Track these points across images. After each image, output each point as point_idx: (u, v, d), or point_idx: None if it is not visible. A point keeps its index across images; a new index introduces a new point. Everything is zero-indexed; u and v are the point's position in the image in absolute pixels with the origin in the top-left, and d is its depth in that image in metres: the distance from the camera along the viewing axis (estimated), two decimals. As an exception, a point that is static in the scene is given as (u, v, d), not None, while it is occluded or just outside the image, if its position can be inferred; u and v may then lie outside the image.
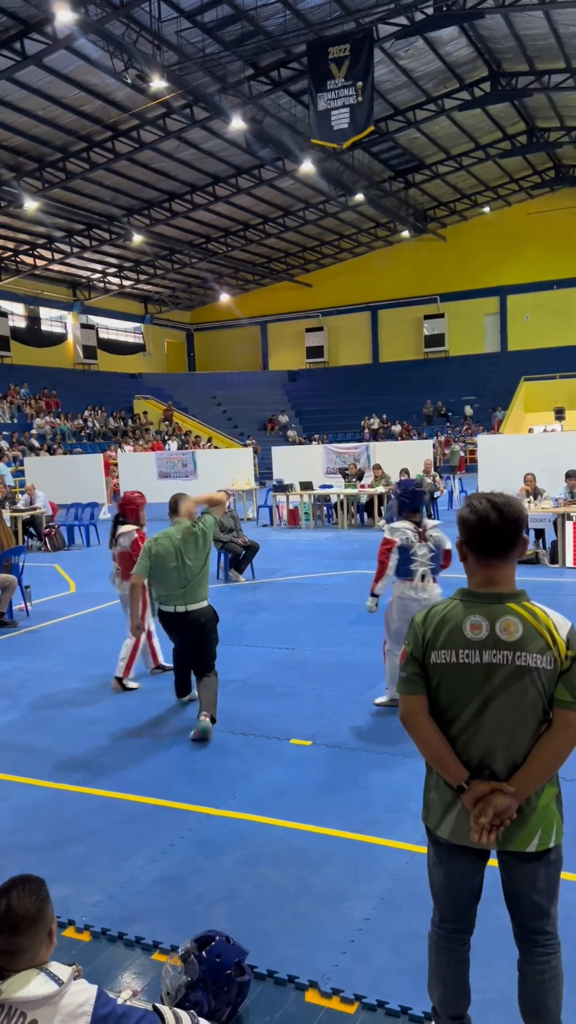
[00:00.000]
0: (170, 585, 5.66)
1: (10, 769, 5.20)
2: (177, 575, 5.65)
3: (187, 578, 5.65)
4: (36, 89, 21.37)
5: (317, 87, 19.48)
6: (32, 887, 2.22)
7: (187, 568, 5.65)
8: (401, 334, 41.39)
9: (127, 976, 3.15)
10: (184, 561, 5.65)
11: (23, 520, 16.22)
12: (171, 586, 5.66)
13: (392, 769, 4.90)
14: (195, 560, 5.70)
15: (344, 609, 9.31)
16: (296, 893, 3.62)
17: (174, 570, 5.64)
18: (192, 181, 29.55)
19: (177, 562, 5.64)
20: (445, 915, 2.52)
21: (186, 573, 5.65)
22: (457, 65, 25.07)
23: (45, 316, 37.52)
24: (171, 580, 5.65)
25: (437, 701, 2.37)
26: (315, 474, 19.57)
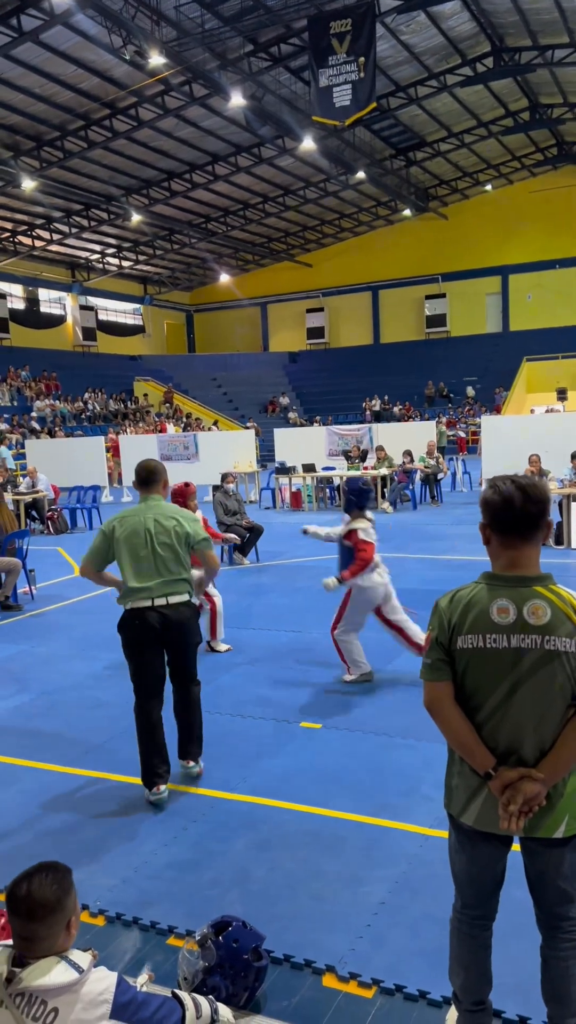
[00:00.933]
0: (142, 574, 4.46)
1: (19, 753, 5.18)
2: (148, 562, 4.47)
3: (159, 566, 4.46)
4: (33, 66, 21.08)
5: (318, 63, 19.20)
6: (56, 876, 2.20)
7: (158, 556, 4.46)
8: (402, 314, 41.15)
9: (144, 960, 3.14)
10: (155, 548, 4.46)
11: (25, 503, 16.17)
12: (143, 575, 4.46)
13: (403, 752, 4.88)
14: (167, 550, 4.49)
15: (349, 591, 9.26)
16: (310, 877, 3.61)
17: (144, 558, 4.47)
18: (191, 160, 29.25)
19: (147, 548, 4.46)
20: (468, 901, 2.50)
21: (157, 561, 4.46)
22: (459, 40, 24.72)
23: (44, 298, 37.27)
24: (143, 567, 4.47)
25: (463, 687, 2.33)
26: (318, 456, 19.50)
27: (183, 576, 4.51)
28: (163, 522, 4.50)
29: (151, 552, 4.45)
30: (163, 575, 4.45)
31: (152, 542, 4.46)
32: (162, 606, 4.43)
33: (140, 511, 4.55)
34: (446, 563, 10.71)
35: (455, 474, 20.48)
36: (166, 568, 4.46)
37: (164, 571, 4.45)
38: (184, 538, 4.52)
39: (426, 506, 17.36)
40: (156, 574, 4.44)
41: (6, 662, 7.30)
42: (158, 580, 4.44)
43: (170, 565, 4.46)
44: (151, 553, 4.45)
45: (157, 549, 4.45)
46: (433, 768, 4.52)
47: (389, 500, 16.84)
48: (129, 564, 4.46)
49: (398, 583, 9.51)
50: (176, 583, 4.48)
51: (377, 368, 38.98)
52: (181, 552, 4.50)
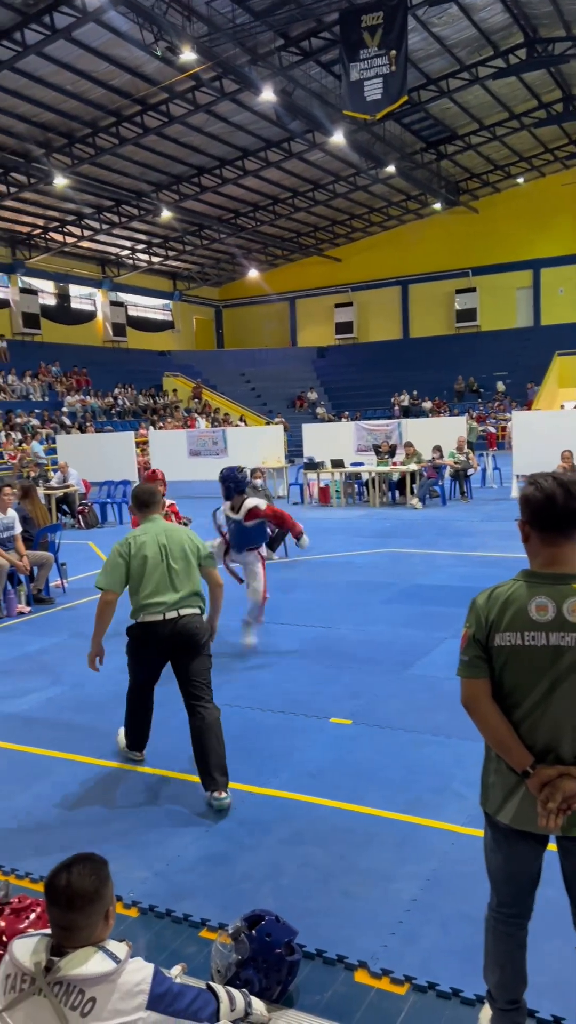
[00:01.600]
0: (157, 589, 4.52)
1: (53, 745, 5.24)
2: (163, 577, 4.54)
3: (175, 580, 4.55)
4: (65, 63, 21.23)
5: (349, 57, 19.13)
6: (94, 866, 2.22)
7: (172, 570, 4.55)
8: (432, 309, 40.89)
9: (177, 952, 3.16)
10: (170, 563, 4.56)
11: (56, 498, 16.33)
12: (159, 590, 4.52)
13: (434, 749, 4.87)
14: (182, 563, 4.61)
15: (378, 587, 9.26)
16: (342, 872, 3.61)
17: (160, 573, 4.53)
18: (221, 155, 29.28)
19: (163, 563, 4.55)
20: (503, 900, 2.49)
21: (172, 575, 4.55)
22: (492, 32, 24.48)
23: (75, 294, 37.55)
24: (158, 583, 4.53)
25: (501, 685, 2.32)
26: (346, 451, 19.46)
27: (197, 591, 4.59)
28: (174, 538, 4.61)
29: (166, 568, 4.52)
30: (179, 590, 4.52)
31: (167, 558, 4.54)
32: (173, 619, 4.47)
33: (150, 529, 4.64)
34: (477, 559, 10.64)
35: (485, 470, 20.33)
36: (180, 583, 4.53)
37: (179, 586, 4.53)
38: (196, 551, 4.64)
39: (455, 502, 17.26)
40: (171, 589, 4.51)
41: (39, 655, 7.38)
42: (173, 594, 4.50)
43: (183, 580, 4.54)
44: (166, 569, 4.52)
45: (172, 564, 4.53)
46: (464, 765, 4.50)
47: (418, 496, 16.77)
48: (144, 580, 4.50)
49: (428, 579, 9.53)
50: (190, 597, 4.55)
51: (406, 363, 38.78)
52: (194, 566, 4.61)
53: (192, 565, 4.61)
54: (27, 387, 30.67)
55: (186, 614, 4.51)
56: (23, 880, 3.69)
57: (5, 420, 26.84)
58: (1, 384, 29.70)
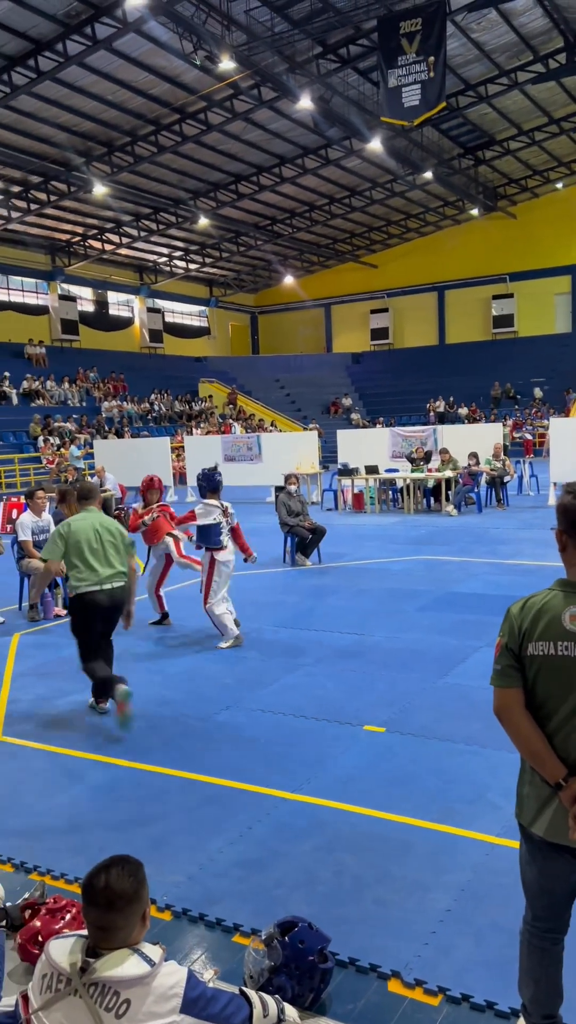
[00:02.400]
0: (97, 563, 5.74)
1: (89, 747, 5.30)
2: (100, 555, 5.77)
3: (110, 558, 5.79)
4: (106, 73, 21.53)
5: (388, 63, 19.12)
6: (131, 867, 2.25)
7: (108, 550, 5.80)
8: (468, 314, 40.63)
9: (209, 957, 3.18)
10: (105, 544, 5.80)
11: (93, 502, 16.48)
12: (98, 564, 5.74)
13: (468, 758, 4.83)
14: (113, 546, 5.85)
15: (413, 595, 9.22)
16: (375, 881, 3.60)
17: (96, 552, 5.76)
18: (258, 162, 29.44)
19: (100, 544, 5.78)
20: (538, 914, 2.47)
21: (107, 554, 5.79)
22: (531, 37, 24.31)
23: (113, 300, 37.98)
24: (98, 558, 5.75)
25: (534, 695, 2.30)
26: (380, 458, 19.41)
27: (124, 570, 5.83)
28: (107, 525, 5.88)
29: (101, 547, 5.76)
30: (113, 566, 5.76)
31: (101, 540, 5.77)
32: (109, 590, 5.71)
33: (87, 517, 5.89)
34: (514, 568, 10.54)
35: (522, 477, 20.14)
36: (113, 560, 5.78)
37: (113, 563, 5.77)
38: (123, 539, 5.91)
39: (491, 509, 17.11)
40: (107, 564, 5.74)
41: (75, 658, 7.45)
42: (109, 569, 5.74)
43: (114, 560, 5.78)
44: (101, 548, 5.75)
45: (105, 546, 5.77)
46: (499, 776, 4.47)
47: (454, 503, 16.66)
48: (83, 556, 5.70)
49: (464, 587, 9.46)
50: (120, 574, 5.80)
51: (442, 369, 38.57)
52: (122, 549, 5.86)
53: (121, 549, 5.84)
54: (65, 392, 31.08)
55: (118, 586, 5.76)
56: (58, 881, 3.74)
57: (44, 425, 27.22)
58: (40, 389, 30.13)
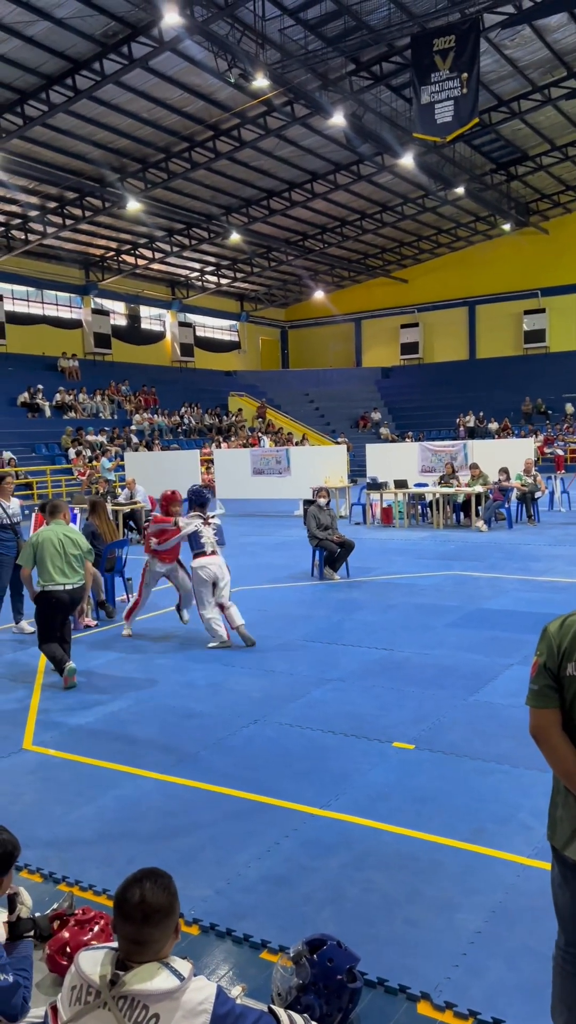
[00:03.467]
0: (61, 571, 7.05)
1: (116, 759, 5.31)
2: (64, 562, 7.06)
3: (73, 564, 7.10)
4: (141, 91, 21.86)
5: (421, 80, 19.19)
6: (163, 881, 2.24)
7: (70, 557, 7.09)
8: (499, 329, 40.46)
9: (236, 973, 3.16)
10: (68, 552, 7.09)
11: (124, 514, 16.62)
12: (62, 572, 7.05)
13: (499, 777, 4.77)
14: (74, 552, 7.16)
15: (442, 611, 9.15)
16: (405, 900, 3.56)
17: (60, 558, 7.05)
18: (291, 178, 29.65)
19: (62, 553, 7.06)
20: (571, 938, 2.42)
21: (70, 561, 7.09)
22: (565, 53, 24.26)
23: (145, 315, 38.39)
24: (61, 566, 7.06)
25: (572, 716, 2.27)
26: (409, 472, 19.35)
27: (81, 573, 7.16)
28: (71, 536, 7.20)
29: (65, 556, 7.05)
30: (76, 571, 7.10)
31: (64, 549, 7.05)
32: (70, 589, 7.06)
33: (55, 529, 7.15)
34: (545, 585, 10.43)
35: (553, 493, 19.95)
36: (75, 566, 7.10)
37: (76, 568, 7.10)
38: (83, 548, 7.20)
39: (522, 525, 16.97)
40: (71, 570, 7.08)
41: (104, 668, 7.50)
42: (72, 575, 7.07)
43: (75, 564, 7.11)
44: (65, 556, 7.05)
45: (68, 554, 7.06)
46: (531, 796, 4.40)
47: (484, 518, 16.54)
48: (49, 562, 6.99)
49: (494, 603, 9.38)
50: (79, 576, 7.14)
51: (472, 384, 38.41)
52: (81, 556, 7.16)
53: (80, 557, 7.14)
54: (97, 405, 31.40)
55: (78, 586, 7.13)
56: (87, 892, 3.74)
57: (75, 437, 27.51)
58: (72, 402, 30.47)
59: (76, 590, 7.11)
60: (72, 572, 7.06)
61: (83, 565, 7.17)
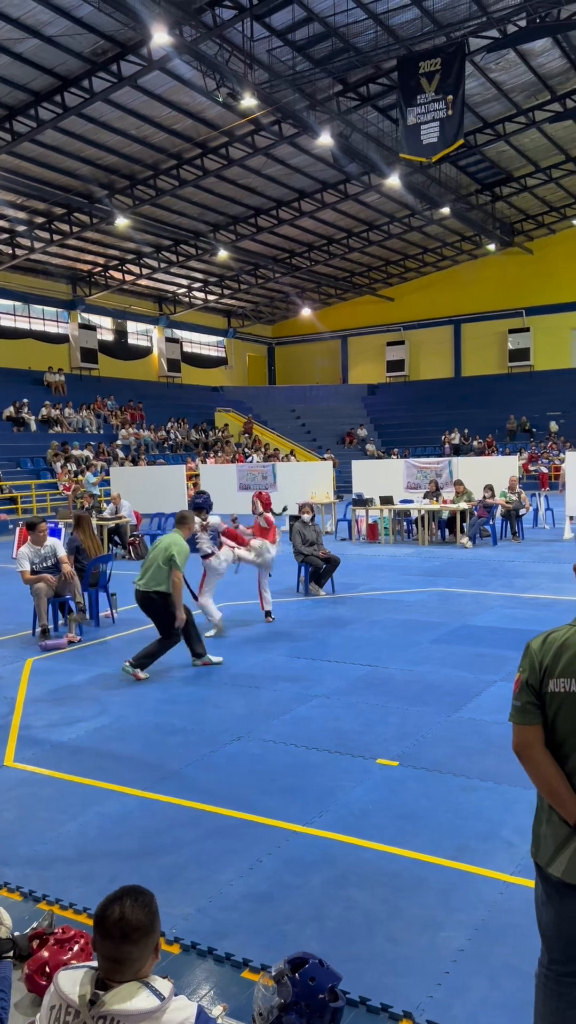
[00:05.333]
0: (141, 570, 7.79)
1: (99, 775, 5.27)
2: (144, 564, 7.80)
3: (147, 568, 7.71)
4: (130, 109, 22.00)
5: (407, 101, 19.44)
6: (145, 899, 2.22)
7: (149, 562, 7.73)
8: (484, 348, 40.82)
9: (217, 993, 3.13)
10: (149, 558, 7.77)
11: (108, 528, 16.57)
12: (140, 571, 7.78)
13: (482, 794, 4.76)
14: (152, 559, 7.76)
15: (427, 627, 9.17)
16: (388, 918, 3.54)
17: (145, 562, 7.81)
18: (278, 196, 29.87)
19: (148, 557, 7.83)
20: (555, 956, 2.42)
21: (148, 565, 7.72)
22: (549, 77, 24.67)
23: (132, 330, 38.44)
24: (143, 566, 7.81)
25: (554, 732, 2.28)
26: (395, 488, 19.41)
27: (154, 577, 7.59)
28: (160, 544, 7.72)
29: (149, 560, 7.72)
30: (143, 575, 7.67)
31: (148, 555, 7.80)
32: (137, 590, 7.70)
33: (164, 538, 7.81)
34: (529, 601, 10.47)
35: (537, 510, 20.07)
36: (145, 570, 7.70)
37: (144, 572, 7.68)
38: (162, 554, 7.57)
39: (507, 542, 17.04)
40: (142, 573, 7.70)
41: (87, 684, 7.46)
42: (141, 576, 7.70)
43: (148, 569, 7.64)
44: (149, 561, 7.72)
45: (149, 559, 7.72)
46: (515, 812, 4.40)
47: (468, 535, 16.61)
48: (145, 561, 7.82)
49: (478, 619, 9.40)
50: (149, 581, 7.61)
51: (457, 401, 38.70)
52: (160, 562, 7.56)
53: (159, 561, 7.57)
54: (83, 420, 31.36)
55: (143, 589, 7.63)
56: (67, 911, 3.70)
57: (61, 452, 27.43)
58: (58, 416, 30.41)
59: (138, 593, 7.72)
60: (142, 576, 7.70)
61: (156, 570, 7.59)
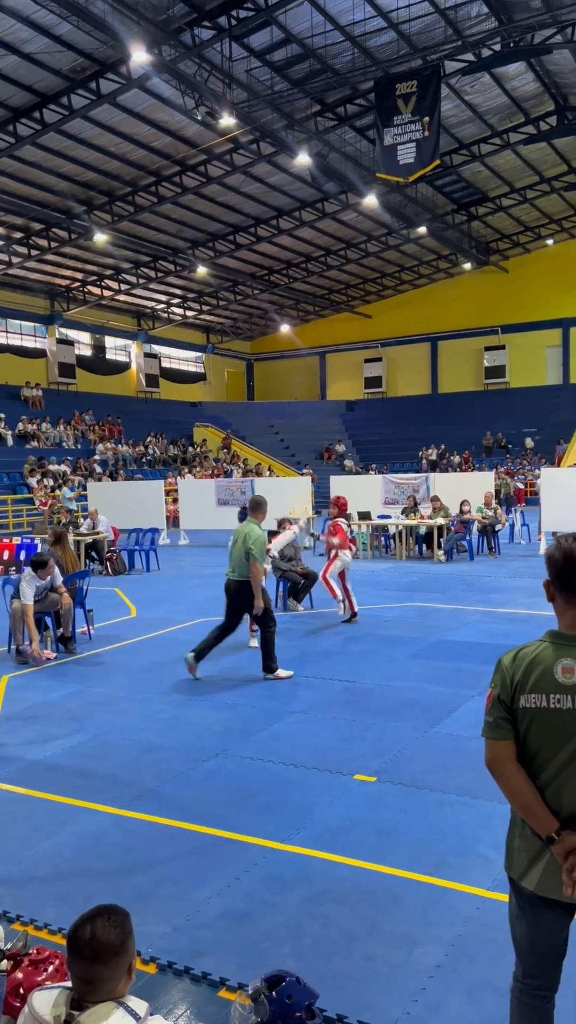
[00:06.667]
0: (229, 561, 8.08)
1: (74, 793, 5.23)
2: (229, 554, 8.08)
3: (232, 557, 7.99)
4: (109, 126, 22.09)
5: (384, 122, 19.70)
6: (118, 918, 2.20)
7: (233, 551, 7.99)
8: (461, 365, 41.24)
9: (194, 1012, 3.11)
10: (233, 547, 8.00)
11: (86, 544, 16.48)
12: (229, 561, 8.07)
13: (459, 809, 4.79)
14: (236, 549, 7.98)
15: (405, 642, 9.20)
16: (364, 934, 3.54)
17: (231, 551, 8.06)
18: (256, 214, 30.07)
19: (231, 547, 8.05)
20: (528, 970, 2.43)
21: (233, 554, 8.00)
22: (523, 100, 25.12)
23: (110, 345, 38.40)
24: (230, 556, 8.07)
25: (526, 747, 2.30)
26: (373, 504, 19.49)
27: (238, 566, 7.89)
28: (241, 532, 7.96)
29: (231, 549, 8.02)
30: (231, 563, 7.98)
31: (235, 544, 7.95)
32: (227, 580, 8.04)
33: (241, 527, 8.07)
34: (505, 616, 10.54)
35: (513, 526, 20.23)
36: (232, 559, 7.98)
37: (231, 561, 7.98)
38: (244, 543, 7.82)
39: (483, 557, 17.16)
40: (230, 561, 8.03)
41: (63, 701, 7.40)
42: (229, 566, 8.02)
43: (232, 559, 7.97)
44: (231, 549, 8.02)
45: (233, 549, 7.97)
46: (491, 827, 4.42)
47: (445, 550, 16.70)
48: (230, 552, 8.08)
49: (455, 634, 9.45)
50: (234, 570, 7.94)
51: (434, 418, 39.02)
52: (240, 553, 7.86)
53: (240, 551, 7.83)
54: (60, 435, 31.23)
55: (237, 579, 7.92)
56: (42, 931, 3.66)
57: (38, 467, 27.28)
58: (35, 431, 30.26)
59: (229, 582, 8.00)
60: (229, 564, 8.01)
61: (239, 560, 7.85)
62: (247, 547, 7.77)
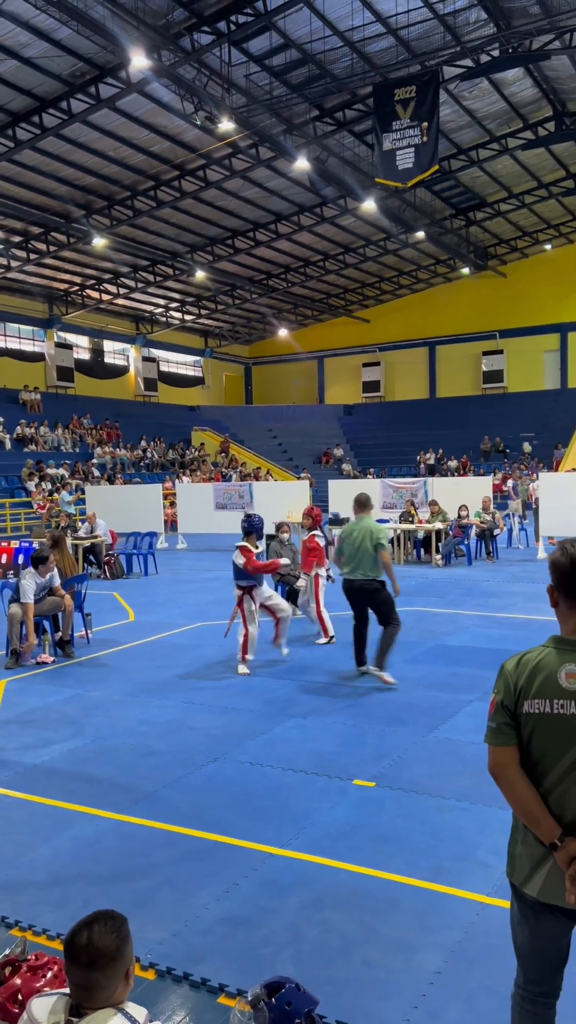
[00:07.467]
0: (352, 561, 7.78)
1: (72, 798, 5.21)
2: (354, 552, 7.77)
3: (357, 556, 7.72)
4: (108, 131, 22.11)
5: (382, 127, 19.73)
6: (114, 924, 2.18)
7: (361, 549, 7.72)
8: (459, 369, 41.26)
9: (193, 1019, 3.09)
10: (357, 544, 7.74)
11: (84, 548, 16.46)
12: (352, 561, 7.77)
13: (458, 815, 4.78)
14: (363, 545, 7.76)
15: (403, 647, 9.16)
16: (364, 940, 3.53)
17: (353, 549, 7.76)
18: (255, 219, 30.10)
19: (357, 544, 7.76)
20: (530, 976, 2.42)
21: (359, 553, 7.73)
22: (521, 105, 25.17)
23: (108, 349, 38.40)
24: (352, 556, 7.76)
25: (529, 753, 2.30)
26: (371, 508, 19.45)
27: (366, 564, 7.68)
28: (370, 528, 7.77)
29: (357, 547, 7.71)
30: (358, 563, 7.73)
31: (361, 541, 7.71)
32: (352, 579, 7.82)
33: (357, 524, 7.88)
34: (504, 621, 10.54)
35: (511, 530, 20.23)
36: (359, 559, 7.72)
37: (359, 561, 7.72)
38: (373, 538, 7.69)
39: (481, 562, 17.15)
40: (355, 560, 7.73)
41: (61, 705, 7.38)
42: (354, 564, 7.75)
43: (361, 557, 7.68)
44: (357, 548, 7.71)
45: (358, 546, 7.71)
46: (490, 833, 4.41)
47: (443, 554, 16.70)
48: (348, 552, 7.77)
49: (454, 639, 9.44)
50: (360, 568, 7.73)
51: (432, 422, 39.03)
52: (368, 549, 7.66)
53: (367, 549, 7.66)
54: (58, 438, 31.21)
55: (362, 579, 7.74)
56: (40, 937, 3.65)
57: (36, 470, 27.26)
58: (33, 435, 30.24)
59: (356, 581, 7.79)
60: (355, 564, 7.73)
61: (367, 557, 7.67)
62: (376, 540, 7.67)
